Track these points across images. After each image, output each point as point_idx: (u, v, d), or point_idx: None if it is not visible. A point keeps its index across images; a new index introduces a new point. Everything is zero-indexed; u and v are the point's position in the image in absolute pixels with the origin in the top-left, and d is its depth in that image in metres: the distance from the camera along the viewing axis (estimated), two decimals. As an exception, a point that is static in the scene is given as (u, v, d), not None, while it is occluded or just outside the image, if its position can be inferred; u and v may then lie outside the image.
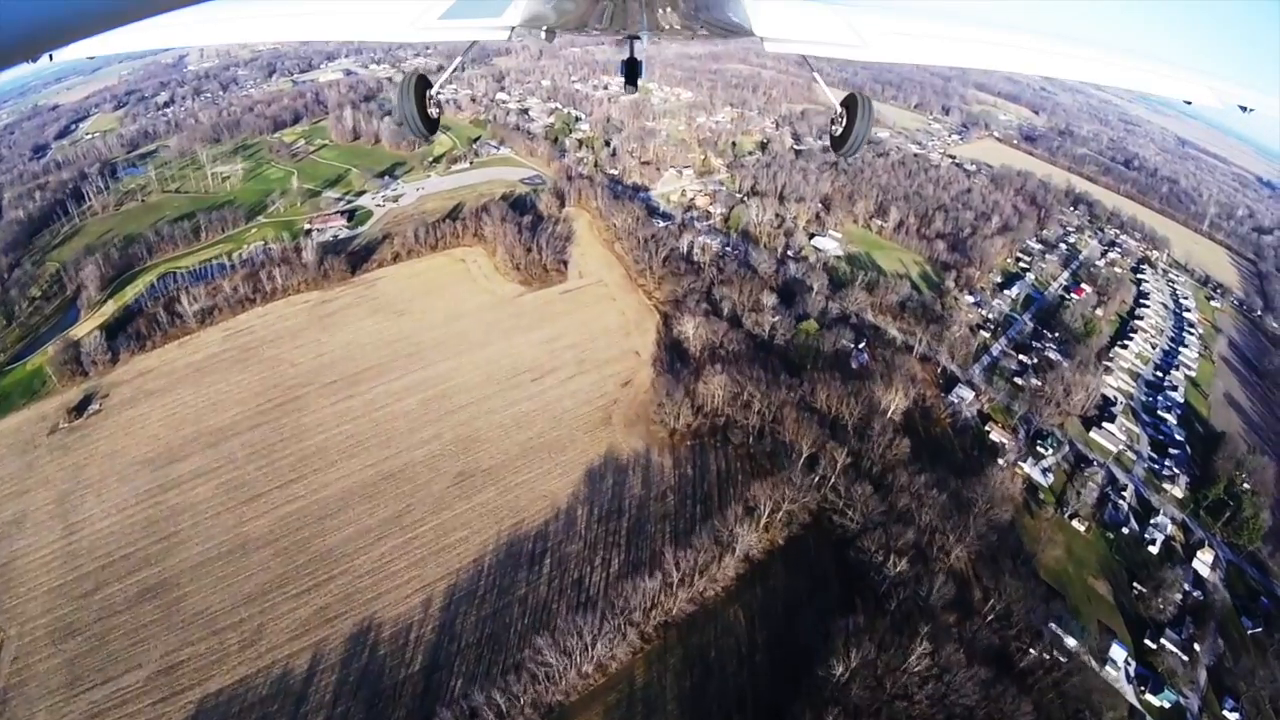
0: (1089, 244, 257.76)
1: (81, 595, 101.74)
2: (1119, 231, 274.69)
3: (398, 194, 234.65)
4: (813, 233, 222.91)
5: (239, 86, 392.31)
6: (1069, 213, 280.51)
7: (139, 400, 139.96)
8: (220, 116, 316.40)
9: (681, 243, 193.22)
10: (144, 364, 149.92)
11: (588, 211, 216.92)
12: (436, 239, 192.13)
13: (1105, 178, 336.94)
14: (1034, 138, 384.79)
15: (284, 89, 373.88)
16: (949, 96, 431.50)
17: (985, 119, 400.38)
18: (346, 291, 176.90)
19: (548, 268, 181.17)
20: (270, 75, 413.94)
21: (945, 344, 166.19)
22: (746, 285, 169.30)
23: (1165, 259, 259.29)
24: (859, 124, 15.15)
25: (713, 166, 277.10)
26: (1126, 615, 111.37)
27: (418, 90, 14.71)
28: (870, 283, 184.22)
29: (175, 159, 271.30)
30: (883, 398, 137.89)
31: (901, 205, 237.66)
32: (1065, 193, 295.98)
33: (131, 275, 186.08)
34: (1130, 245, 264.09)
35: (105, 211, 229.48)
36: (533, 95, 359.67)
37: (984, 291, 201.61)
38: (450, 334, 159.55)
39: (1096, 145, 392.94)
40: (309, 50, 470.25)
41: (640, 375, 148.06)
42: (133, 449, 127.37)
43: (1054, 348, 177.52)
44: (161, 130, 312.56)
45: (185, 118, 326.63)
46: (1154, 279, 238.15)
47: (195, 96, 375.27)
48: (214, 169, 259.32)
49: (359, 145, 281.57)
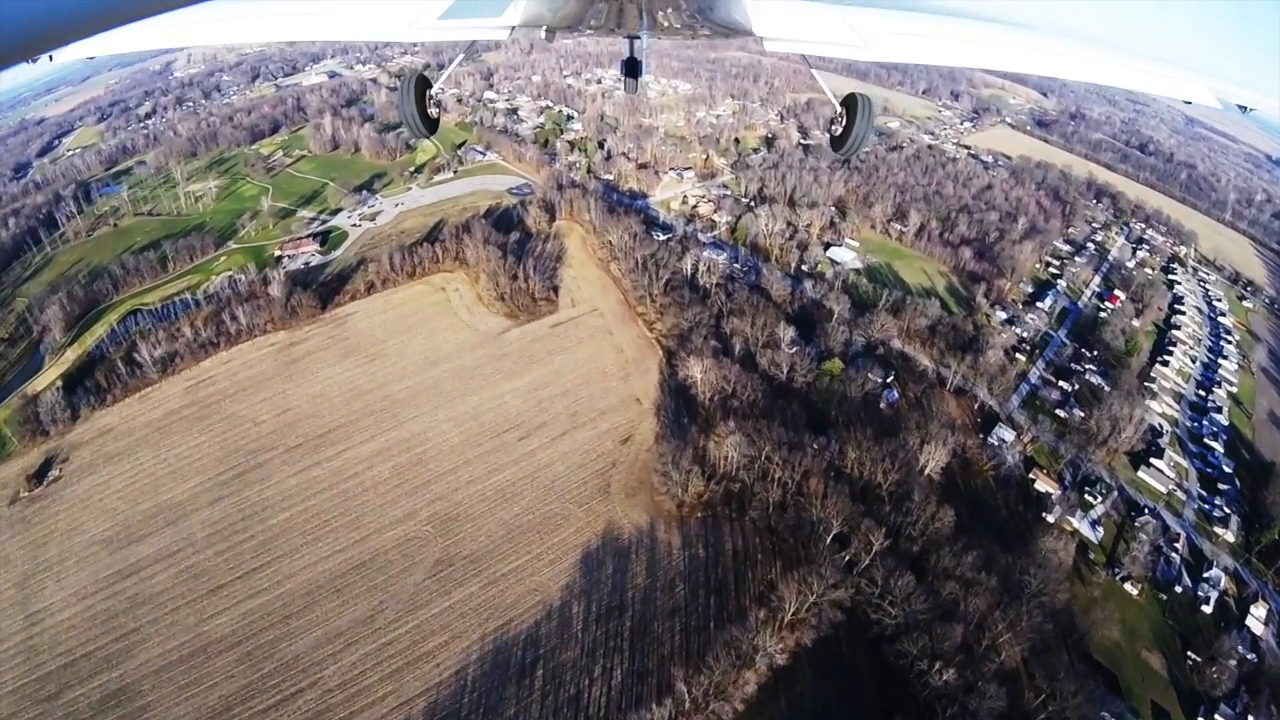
0: (1116, 241, 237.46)
1: (45, 699, 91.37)
2: (1145, 226, 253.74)
3: (375, 211, 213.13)
4: (828, 242, 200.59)
5: (222, 94, 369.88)
6: (1093, 207, 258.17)
7: (98, 465, 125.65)
8: (199, 128, 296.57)
9: (685, 263, 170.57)
10: (104, 421, 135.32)
11: (580, 225, 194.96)
12: (414, 265, 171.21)
13: (1123, 165, 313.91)
14: (1047, 123, 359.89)
15: (266, 94, 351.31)
16: (956, 81, 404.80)
17: (996, 104, 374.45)
18: (316, 331, 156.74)
19: (536, 296, 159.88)
20: (254, 80, 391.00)
21: (980, 373, 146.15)
22: (759, 315, 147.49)
23: (1193, 255, 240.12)
24: (859, 124, 14.56)
25: (715, 167, 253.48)
26: (1180, 690, 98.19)
27: (418, 90, 14.04)
28: (895, 304, 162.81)
29: (151, 177, 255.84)
30: (919, 453, 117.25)
31: (921, 207, 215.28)
32: (1087, 184, 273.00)
33: (97, 314, 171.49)
34: (1158, 241, 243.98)
35: (78, 238, 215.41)
36: (522, 93, 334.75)
37: (1016, 305, 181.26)
38: (427, 383, 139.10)
39: (1110, 129, 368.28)
40: (294, 52, 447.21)
41: (642, 429, 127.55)
42: (91, 525, 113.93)
43: (1095, 370, 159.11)
44: (140, 145, 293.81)
45: (165, 130, 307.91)
46: (1185, 279, 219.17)
47: (178, 106, 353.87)
48: (188, 187, 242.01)
49: (338, 155, 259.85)
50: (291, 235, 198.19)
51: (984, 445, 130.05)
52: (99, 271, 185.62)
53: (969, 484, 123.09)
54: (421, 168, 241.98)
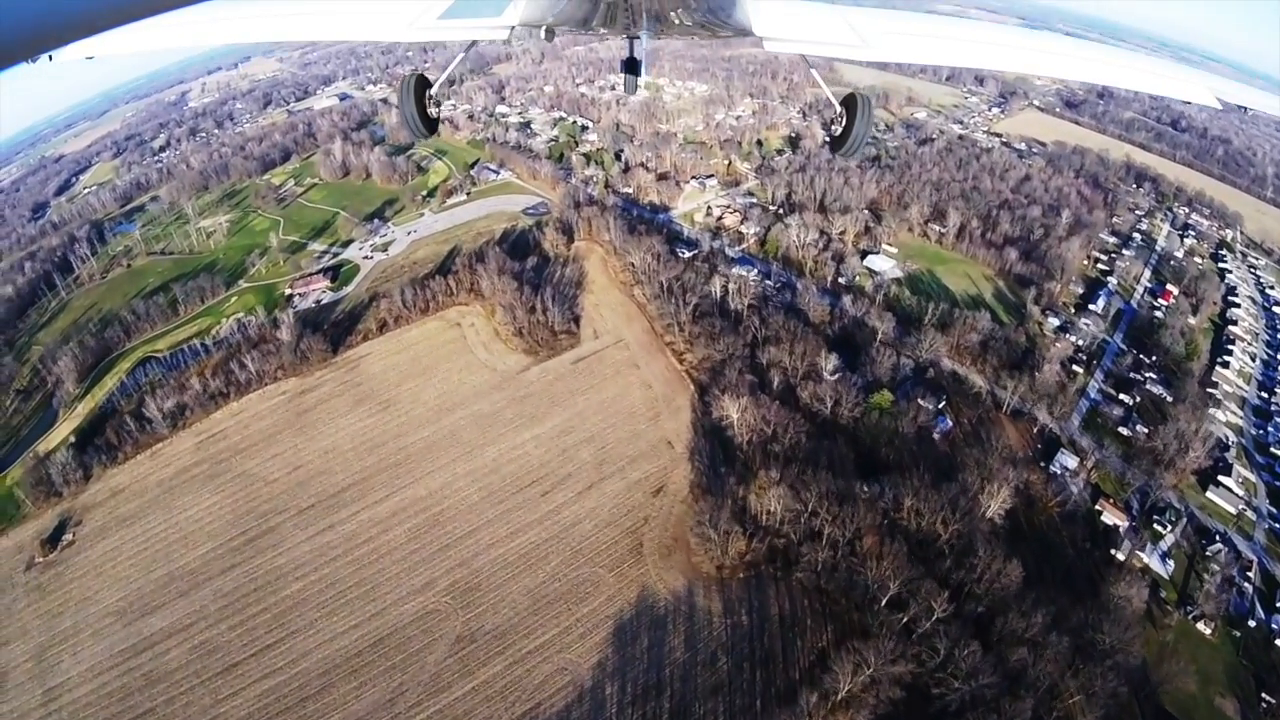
0: (1162, 229, 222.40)
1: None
2: (1188, 210, 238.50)
3: (387, 241, 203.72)
4: (864, 249, 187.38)
5: (234, 122, 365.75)
6: (1135, 193, 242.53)
7: (110, 529, 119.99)
8: (211, 159, 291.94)
9: (713, 285, 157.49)
10: (116, 480, 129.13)
11: (600, 246, 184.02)
12: (427, 300, 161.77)
13: (1159, 145, 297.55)
14: (1076, 104, 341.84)
15: (278, 121, 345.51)
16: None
17: (1022, 87, 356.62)
18: (327, 377, 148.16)
19: (556, 329, 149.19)
20: (265, 106, 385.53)
21: (1037, 392, 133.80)
22: (797, 342, 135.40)
23: (1240, 239, 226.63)
24: (859, 124, 14.41)
25: (739, 173, 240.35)
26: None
27: (417, 90, 14.14)
28: (942, 318, 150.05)
29: (163, 213, 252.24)
30: (980, 495, 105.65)
31: (959, 205, 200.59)
32: (1126, 168, 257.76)
33: (109, 363, 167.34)
34: (1203, 226, 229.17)
35: (92, 281, 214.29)
36: (535, 104, 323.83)
37: (1068, 309, 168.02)
38: (443, 432, 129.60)
39: (1140, 106, 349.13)
40: (306, 76, 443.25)
41: (675, 476, 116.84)
42: (105, 595, 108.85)
43: (1155, 378, 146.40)
44: (154, 179, 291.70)
45: (178, 163, 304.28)
46: (1235, 266, 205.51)
47: (191, 137, 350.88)
48: (200, 223, 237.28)
49: (349, 182, 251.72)
50: (302, 272, 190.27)
51: (1047, 477, 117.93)
52: (110, 318, 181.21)
53: (1033, 522, 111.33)
54: (434, 191, 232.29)
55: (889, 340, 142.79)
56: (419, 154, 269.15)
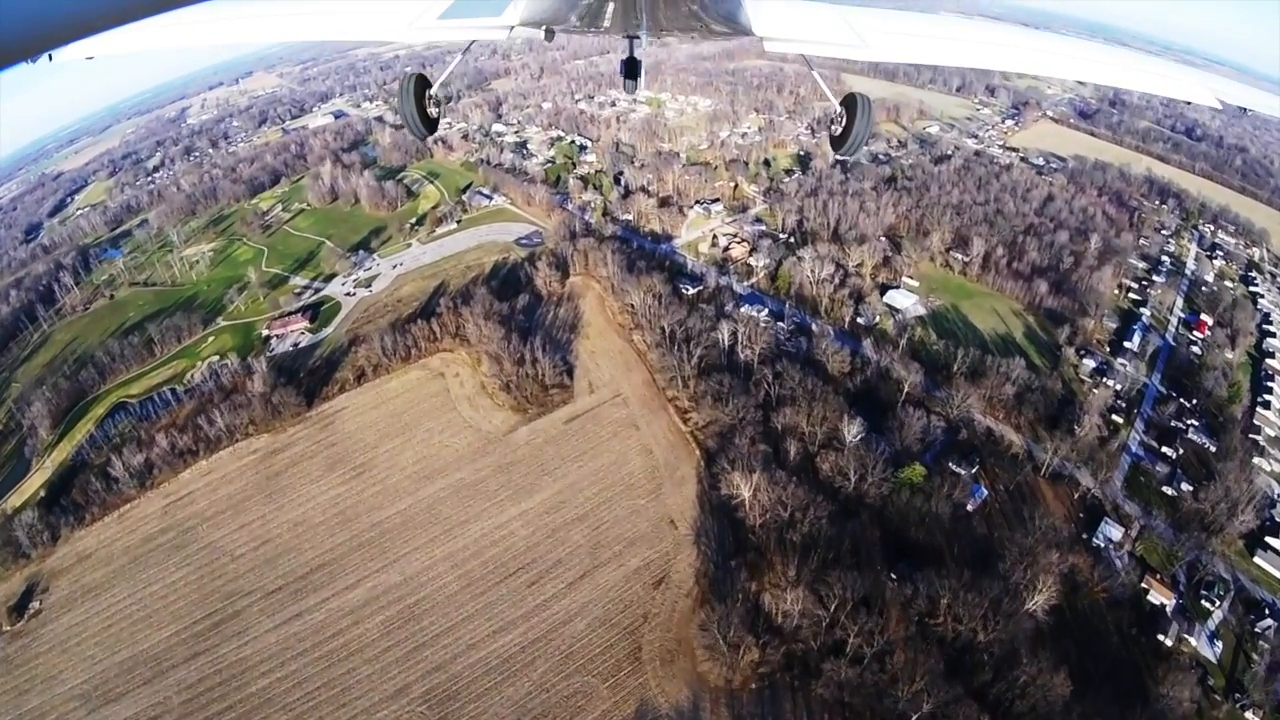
0: (1189, 249, 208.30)
1: None
2: (1214, 228, 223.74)
3: (371, 275, 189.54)
4: (884, 284, 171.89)
5: (229, 141, 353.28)
6: (1159, 211, 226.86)
7: (76, 600, 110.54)
8: (201, 182, 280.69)
9: (721, 331, 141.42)
10: (83, 544, 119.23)
11: (597, 282, 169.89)
12: (409, 348, 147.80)
13: (1177, 156, 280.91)
14: (1090, 114, 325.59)
15: (272, 140, 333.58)
16: (988, 74, 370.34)
17: (1034, 96, 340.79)
18: (300, 434, 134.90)
19: (547, 384, 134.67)
20: (261, 124, 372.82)
21: (1077, 450, 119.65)
22: (816, 403, 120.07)
23: (1269, 258, 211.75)
24: (859, 124, 13.82)
25: (746, 196, 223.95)
26: None
27: (417, 90, 13.65)
28: (973, 366, 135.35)
29: (149, 240, 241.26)
30: (1022, 591, 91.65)
31: (983, 231, 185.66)
32: (1148, 183, 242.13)
33: (83, 408, 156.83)
34: (1230, 245, 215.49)
35: (75, 313, 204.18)
36: (532, 122, 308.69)
37: (1103, 347, 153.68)
38: (421, 506, 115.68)
39: (1154, 114, 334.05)
40: (303, 93, 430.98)
41: (679, 564, 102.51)
42: (70, 675, 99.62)
43: (1198, 425, 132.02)
44: (145, 201, 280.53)
45: (168, 185, 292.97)
46: (1267, 290, 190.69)
47: (186, 156, 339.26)
48: (185, 251, 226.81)
49: (337, 207, 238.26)
50: (280, 311, 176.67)
51: (1092, 559, 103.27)
52: (86, 357, 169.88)
53: (1077, 608, 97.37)
54: (423, 218, 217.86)
55: (917, 396, 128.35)
56: (410, 176, 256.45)
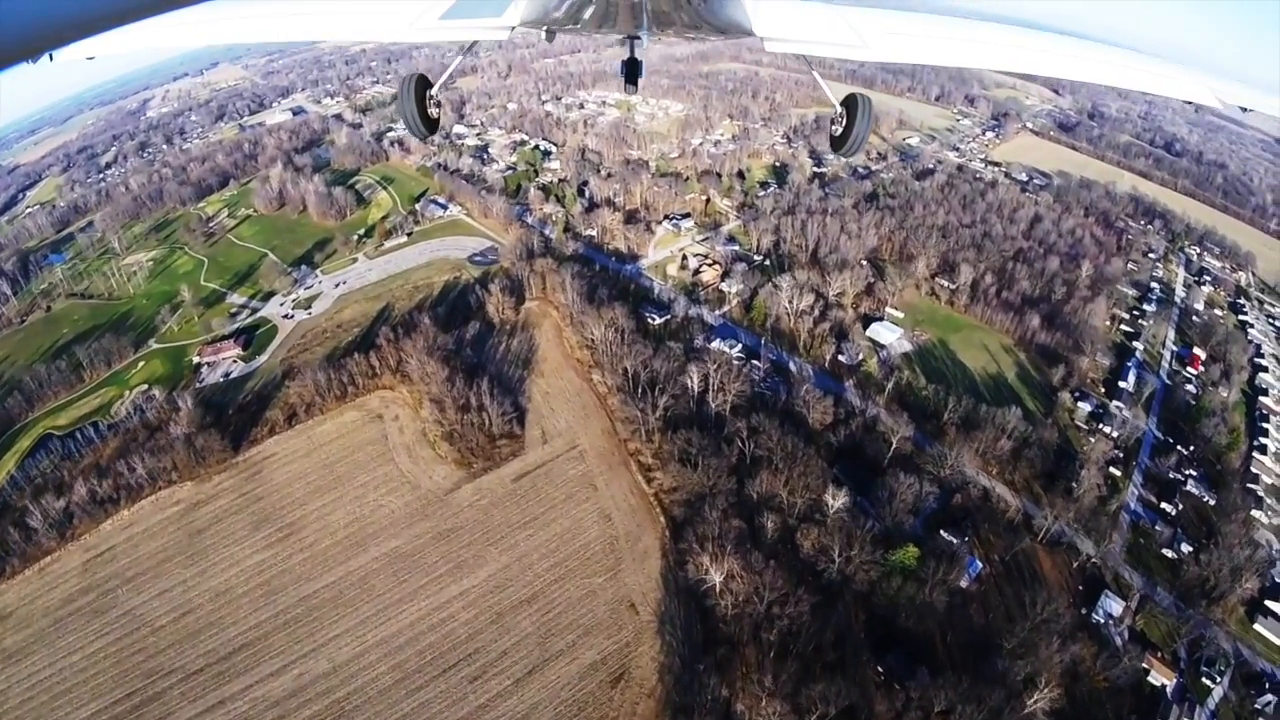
0: (1177, 274, 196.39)
1: None
2: (1200, 250, 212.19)
3: (312, 295, 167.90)
4: (867, 314, 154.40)
5: (184, 137, 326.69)
6: (1146, 232, 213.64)
7: None
8: (150, 182, 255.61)
9: (690, 375, 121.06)
10: (4, 601, 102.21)
11: (554, 309, 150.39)
12: (344, 385, 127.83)
13: (1159, 172, 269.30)
14: (1070, 126, 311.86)
15: (228, 137, 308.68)
16: (967, 84, 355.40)
17: (1014, 107, 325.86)
18: (226, 484, 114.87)
19: (495, 434, 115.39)
20: (219, 120, 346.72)
21: (1076, 511, 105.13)
22: (796, 465, 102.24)
23: (1255, 283, 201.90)
24: (859, 123, 13.51)
25: (718, 211, 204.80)
26: None
27: (418, 90, 13.06)
28: (966, 415, 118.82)
29: (92, 245, 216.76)
30: (1022, 688, 75.51)
31: (970, 256, 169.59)
32: (1133, 201, 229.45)
33: (10, 438, 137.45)
34: (1217, 269, 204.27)
35: (11, 326, 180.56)
36: (496, 124, 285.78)
37: (1097, 388, 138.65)
38: (353, 579, 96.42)
39: (1133, 127, 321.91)
40: (265, 87, 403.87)
41: (640, 658, 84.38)
42: None
43: (1196, 475, 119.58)
44: (93, 201, 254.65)
45: (117, 185, 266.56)
46: (1256, 319, 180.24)
47: (140, 152, 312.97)
48: (126, 259, 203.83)
49: (283, 215, 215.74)
50: (213, 335, 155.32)
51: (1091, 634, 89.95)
52: (15, 383, 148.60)
53: (1076, 696, 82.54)
54: (371, 230, 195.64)
55: (906, 452, 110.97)
56: (363, 181, 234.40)
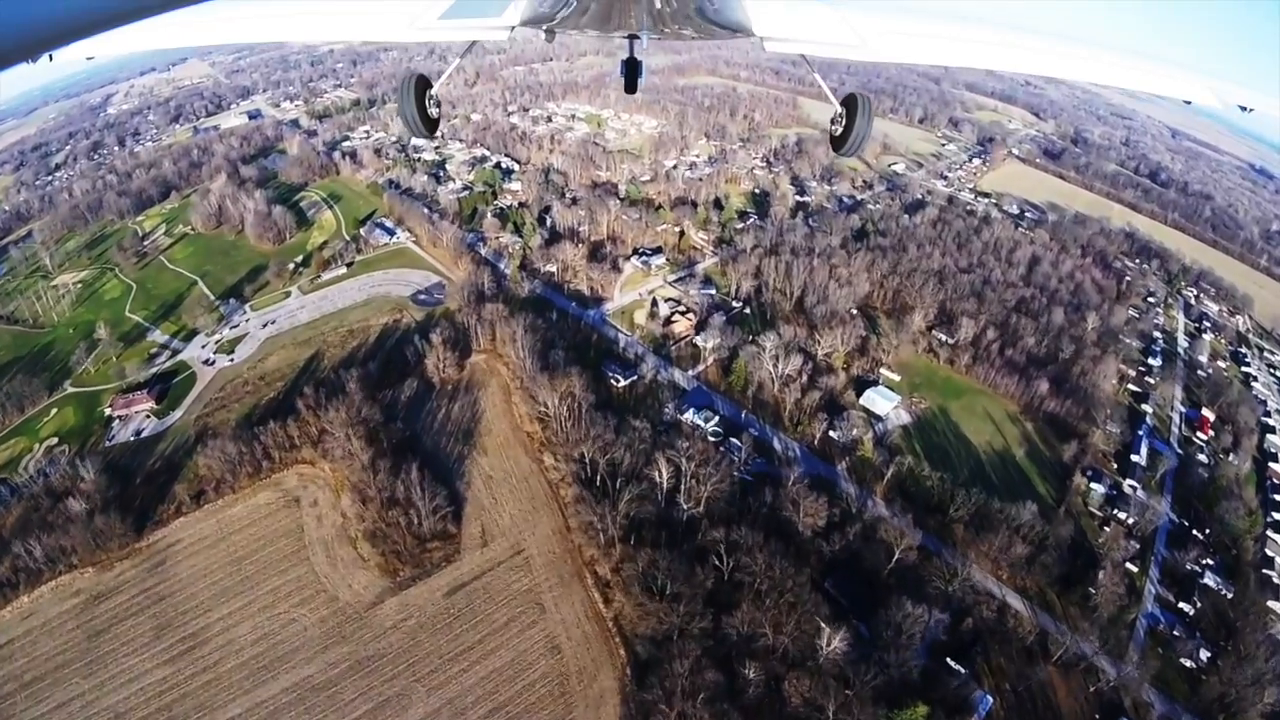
0: (1177, 320, 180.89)
1: None
2: (1197, 291, 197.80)
3: (236, 337, 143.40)
4: (860, 377, 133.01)
5: (138, 139, 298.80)
6: (1143, 273, 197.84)
7: None
8: (93, 189, 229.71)
9: (657, 467, 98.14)
10: None
11: (504, 366, 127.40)
12: (258, 459, 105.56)
13: (1148, 204, 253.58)
14: (1055, 154, 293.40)
15: (181, 140, 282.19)
16: (947, 104, 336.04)
17: (998, 132, 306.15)
18: (128, 574, 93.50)
19: (426, 535, 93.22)
20: (174, 121, 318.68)
21: (1092, 619, 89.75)
22: (784, 596, 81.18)
23: (1254, 329, 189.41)
24: (859, 123, 12.97)
25: (693, 246, 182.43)
26: None
27: (418, 90, 12.76)
28: (978, 510, 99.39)
29: (27, 259, 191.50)
30: None
31: (970, 307, 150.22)
32: (1127, 237, 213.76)
33: None
34: (1215, 313, 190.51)
35: None
36: (457, 137, 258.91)
37: (1110, 465, 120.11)
38: (259, 713, 75.69)
39: (1117, 155, 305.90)
40: (228, 86, 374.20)
41: None
42: None
43: (1213, 566, 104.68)
44: (35, 208, 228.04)
45: (61, 190, 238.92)
46: (1259, 370, 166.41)
47: (91, 154, 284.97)
48: (58, 277, 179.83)
49: (220, 235, 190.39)
50: (127, 382, 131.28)
51: None
52: None
53: None
54: (309, 259, 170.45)
55: (910, 563, 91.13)
56: (308, 198, 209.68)
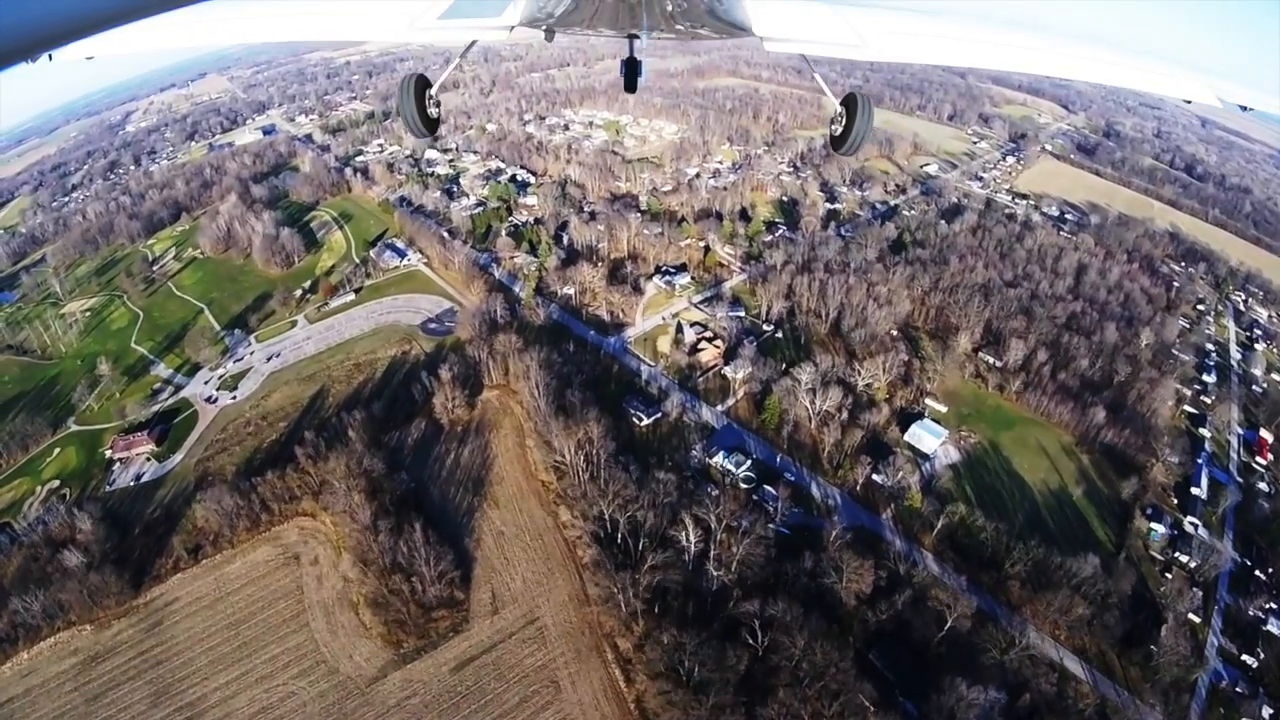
0: (1228, 329, 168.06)
1: None
2: (1245, 297, 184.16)
3: (240, 371, 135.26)
4: (904, 409, 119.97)
5: (154, 158, 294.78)
6: (1190, 277, 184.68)
7: None
8: (106, 211, 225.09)
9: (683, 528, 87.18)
10: None
11: (519, 404, 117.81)
12: (256, 511, 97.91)
13: (1188, 200, 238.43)
14: (1089, 149, 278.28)
15: (196, 158, 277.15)
16: (975, 99, 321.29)
17: (1029, 128, 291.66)
18: (125, 633, 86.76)
19: (431, 603, 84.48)
20: (190, 138, 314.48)
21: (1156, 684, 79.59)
22: (827, 683, 70.73)
23: None
24: (859, 122, 12.74)
25: (719, 262, 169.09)
26: None
27: (417, 90, 12.68)
28: (1034, 564, 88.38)
29: (40, 285, 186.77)
30: None
31: (1019, 326, 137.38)
32: (1170, 238, 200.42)
33: None
34: (1265, 319, 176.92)
35: None
36: (472, 149, 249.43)
37: (1170, 501, 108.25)
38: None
39: (1151, 148, 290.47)
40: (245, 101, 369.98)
41: None
42: None
43: (1276, 616, 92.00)
44: (50, 231, 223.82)
45: (76, 213, 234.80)
46: None
47: (108, 174, 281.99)
48: (67, 306, 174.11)
49: (229, 259, 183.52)
50: (128, 422, 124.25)
51: None
52: None
53: None
54: (316, 284, 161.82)
55: (962, 630, 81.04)
56: (319, 218, 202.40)
